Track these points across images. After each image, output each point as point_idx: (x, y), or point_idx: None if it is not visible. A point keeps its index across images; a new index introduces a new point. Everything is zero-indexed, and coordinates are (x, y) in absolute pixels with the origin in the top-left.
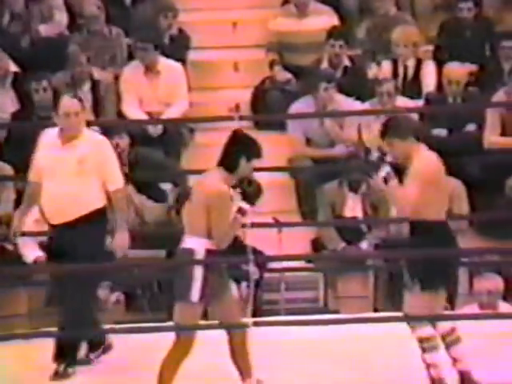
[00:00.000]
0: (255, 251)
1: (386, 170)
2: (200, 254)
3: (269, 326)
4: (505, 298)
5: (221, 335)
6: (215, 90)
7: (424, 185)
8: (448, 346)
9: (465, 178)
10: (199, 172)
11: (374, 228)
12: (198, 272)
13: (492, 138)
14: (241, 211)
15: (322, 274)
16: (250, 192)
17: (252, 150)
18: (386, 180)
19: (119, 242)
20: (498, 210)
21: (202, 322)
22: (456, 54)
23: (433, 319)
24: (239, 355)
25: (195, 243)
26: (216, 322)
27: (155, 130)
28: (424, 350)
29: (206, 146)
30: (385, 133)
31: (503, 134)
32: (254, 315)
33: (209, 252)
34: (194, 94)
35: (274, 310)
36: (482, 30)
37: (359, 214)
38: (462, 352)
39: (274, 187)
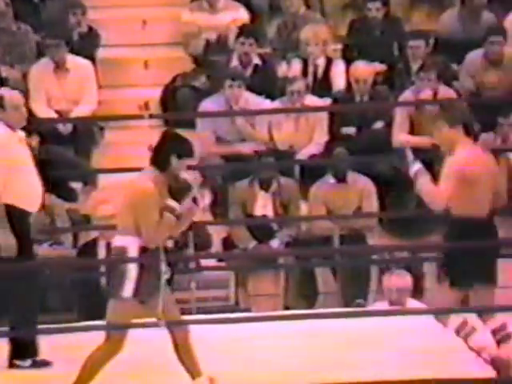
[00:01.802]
0: (166, 250)
1: (416, 165)
2: (133, 252)
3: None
4: (413, 295)
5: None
6: (125, 87)
7: (458, 181)
8: (498, 343)
9: (375, 176)
10: (109, 171)
11: (285, 226)
12: (132, 269)
13: (401, 136)
14: (168, 209)
15: (233, 272)
16: (176, 189)
17: (183, 147)
18: (416, 176)
19: None
20: (407, 208)
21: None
22: (365, 53)
23: (347, 316)
24: (184, 354)
25: (127, 241)
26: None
27: (65, 128)
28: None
29: (116, 145)
30: (438, 117)
31: (411, 132)
32: None
33: (142, 249)
34: (103, 92)
35: (185, 308)
36: (390, 29)
37: (270, 212)
38: None
39: None
